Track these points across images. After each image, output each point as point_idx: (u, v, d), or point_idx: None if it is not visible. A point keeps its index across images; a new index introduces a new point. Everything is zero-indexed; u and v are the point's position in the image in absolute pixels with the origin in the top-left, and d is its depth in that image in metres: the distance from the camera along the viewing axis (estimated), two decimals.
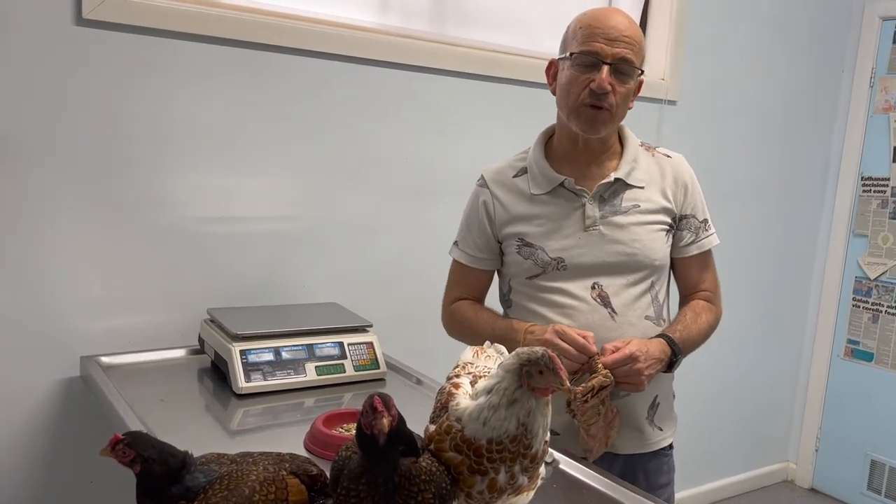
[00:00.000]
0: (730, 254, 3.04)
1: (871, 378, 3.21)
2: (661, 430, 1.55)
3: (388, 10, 2.14)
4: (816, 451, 3.43)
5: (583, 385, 1.32)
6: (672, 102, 2.71)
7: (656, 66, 2.71)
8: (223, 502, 0.89)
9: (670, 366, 1.45)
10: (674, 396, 1.63)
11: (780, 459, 3.51)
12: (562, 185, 1.47)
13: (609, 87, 1.37)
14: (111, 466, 0.91)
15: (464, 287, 1.60)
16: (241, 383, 1.56)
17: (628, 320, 1.46)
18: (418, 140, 2.18)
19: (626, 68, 1.39)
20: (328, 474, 0.99)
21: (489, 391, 0.90)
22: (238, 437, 1.46)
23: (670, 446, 1.60)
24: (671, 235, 1.51)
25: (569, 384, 0.89)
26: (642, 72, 1.44)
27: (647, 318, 1.48)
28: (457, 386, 0.99)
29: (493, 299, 1.64)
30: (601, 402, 1.34)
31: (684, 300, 1.59)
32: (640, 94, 1.52)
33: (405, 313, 2.23)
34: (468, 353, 1.17)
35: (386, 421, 0.82)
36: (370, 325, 1.79)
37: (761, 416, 3.37)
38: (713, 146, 2.89)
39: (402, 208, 2.18)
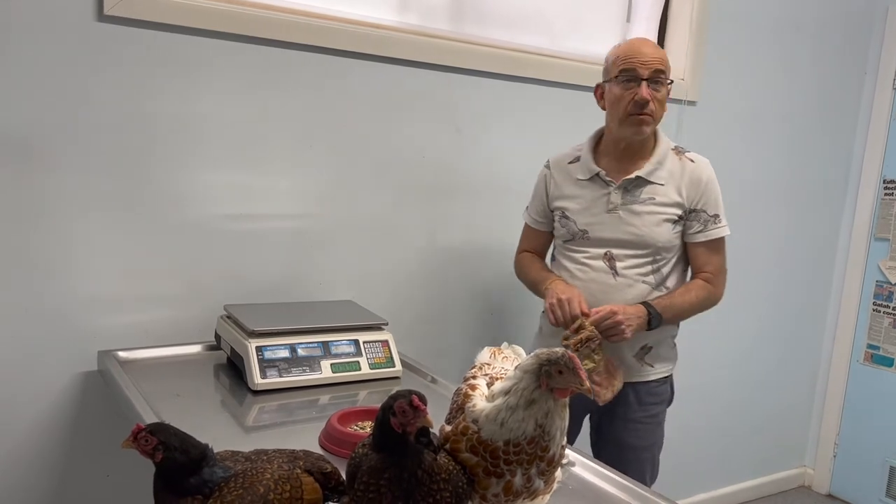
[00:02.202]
0: (749, 256, 3.02)
1: (891, 383, 3.17)
2: (652, 367, 1.89)
3: (407, 8, 2.14)
4: (834, 456, 3.39)
5: (574, 337, 1.71)
6: (692, 103, 2.69)
7: (676, 67, 2.67)
8: (239, 500, 0.89)
9: (649, 325, 1.79)
10: (674, 345, 1.95)
11: (797, 464, 3.48)
12: (597, 174, 1.85)
13: (649, 98, 1.74)
14: (127, 461, 0.92)
15: (528, 242, 2.05)
16: (257, 380, 1.56)
17: (626, 281, 1.83)
18: (437, 139, 2.18)
19: (660, 77, 1.76)
20: (342, 472, 0.99)
21: (507, 392, 0.90)
22: (253, 433, 1.46)
23: (664, 379, 1.93)
24: (680, 225, 1.84)
25: (588, 384, 0.88)
26: (671, 81, 1.81)
27: (644, 282, 1.83)
28: (473, 387, 0.99)
29: None
30: (592, 351, 1.71)
31: (692, 278, 1.92)
32: None
33: (421, 312, 2.22)
34: (485, 353, 1.16)
35: (430, 418, 0.81)
36: (385, 323, 1.79)
37: (779, 421, 3.33)
38: (733, 147, 2.86)
39: (419, 207, 2.18)
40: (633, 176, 1.81)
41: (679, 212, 1.82)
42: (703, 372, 2.99)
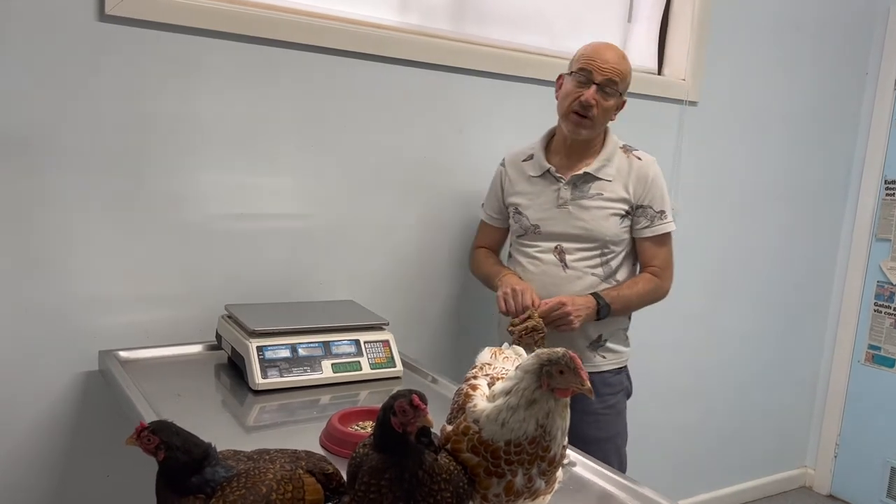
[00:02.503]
0: (750, 257, 3.02)
1: (892, 384, 3.16)
2: (605, 358, 1.96)
3: (408, 8, 2.14)
4: (835, 457, 3.39)
5: (520, 325, 1.77)
6: (693, 103, 2.69)
7: (677, 67, 2.68)
8: (241, 500, 0.89)
9: (598, 315, 1.85)
10: (625, 337, 2.01)
11: (798, 465, 3.48)
12: (548, 171, 1.92)
13: (593, 102, 1.79)
14: (128, 461, 0.92)
15: (483, 238, 2.11)
16: (258, 379, 1.56)
17: (575, 273, 1.90)
18: (437, 139, 2.17)
19: (610, 89, 1.81)
20: (343, 472, 0.99)
21: (507, 392, 0.90)
22: (254, 432, 1.46)
23: (618, 370, 1.99)
24: (627, 220, 1.91)
25: (589, 384, 0.88)
26: (622, 95, 1.86)
27: (593, 275, 1.90)
28: (474, 387, 0.99)
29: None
30: (535, 342, 1.76)
31: (640, 271, 1.98)
32: (661, 95, 2.31)
33: (421, 312, 2.22)
34: (486, 353, 1.17)
35: (430, 418, 0.81)
36: (386, 323, 1.79)
37: (780, 421, 3.33)
38: (734, 148, 2.86)
39: (419, 207, 2.18)
40: (581, 172, 1.88)
41: (626, 207, 1.89)
42: (703, 372, 2.99)
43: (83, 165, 1.70)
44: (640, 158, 1.92)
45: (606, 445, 1.94)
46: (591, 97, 1.78)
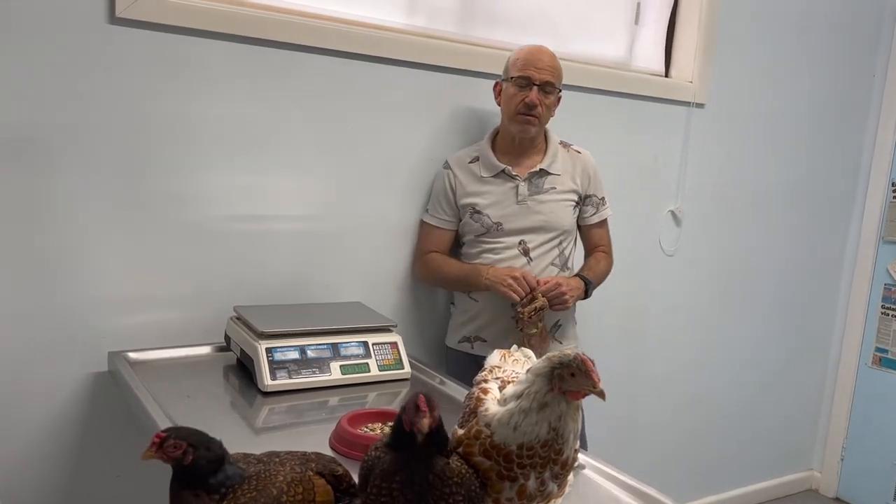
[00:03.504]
0: (757, 259, 3.01)
1: None
2: (561, 343, 2.08)
3: (415, 10, 2.14)
4: (842, 459, 3.38)
5: (529, 307, 1.90)
6: (700, 105, 2.69)
7: (684, 69, 2.68)
8: (252, 502, 0.89)
9: (586, 294, 2.04)
10: (575, 323, 2.15)
11: (804, 468, 3.47)
12: (503, 171, 2.02)
13: (538, 102, 1.95)
14: (138, 461, 0.91)
15: (433, 243, 2.11)
16: (267, 381, 1.57)
17: (540, 266, 2.03)
18: (443, 140, 2.18)
19: (549, 88, 1.97)
20: (353, 474, 0.99)
21: (519, 396, 0.90)
22: (263, 434, 1.46)
23: None
24: (577, 209, 2.10)
25: (601, 386, 0.88)
26: (560, 90, 2.02)
27: (553, 264, 2.05)
28: (485, 391, 0.99)
29: None
30: (539, 319, 1.92)
31: (588, 254, 2.18)
32: (667, 97, 2.52)
33: (429, 314, 2.22)
34: (495, 356, 1.17)
35: (427, 421, 0.82)
36: (394, 325, 1.79)
37: (787, 424, 3.33)
38: (741, 150, 2.85)
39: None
40: (537, 168, 2.03)
41: (576, 198, 2.08)
42: (710, 375, 2.98)
43: (94, 167, 1.70)
44: (579, 152, 2.12)
45: None
46: (535, 98, 1.94)
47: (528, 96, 1.94)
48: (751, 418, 3.17)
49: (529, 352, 1.21)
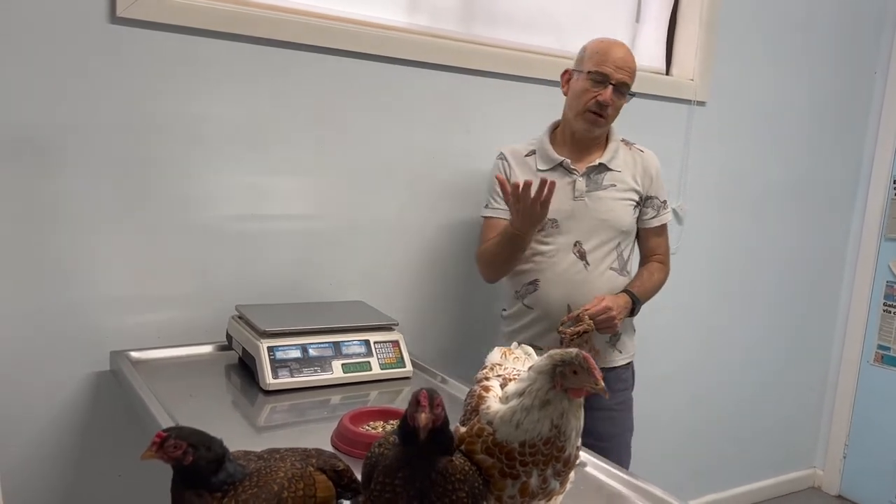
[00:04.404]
0: (759, 256, 3.01)
1: None
2: (621, 352, 1.99)
3: (416, 9, 2.14)
4: (844, 457, 3.37)
5: (572, 329, 1.78)
6: (701, 103, 2.68)
7: (685, 67, 2.68)
8: (254, 499, 0.89)
9: (632, 312, 1.92)
10: (634, 330, 2.05)
11: (807, 466, 3.47)
12: (560, 164, 1.91)
13: (611, 102, 1.83)
14: (140, 461, 0.91)
15: (494, 233, 1.93)
16: (269, 380, 1.57)
17: (598, 270, 1.90)
18: (445, 139, 2.18)
19: (624, 89, 1.85)
20: (355, 471, 0.99)
21: (521, 394, 0.90)
22: (265, 433, 1.46)
23: (628, 365, 2.04)
24: (637, 209, 1.96)
25: (603, 384, 0.88)
26: (633, 94, 1.90)
27: (611, 269, 1.92)
28: (487, 389, 0.99)
29: None
30: (584, 342, 1.81)
31: (643, 261, 2.04)
32: (669, 95, 2.45)
33: (431, 312, 2.22)
34: (496, 353, 1.16)
35: (424, 416, 0.81)
36: (396, 324, 1.79)
37: (789, 422, 3.32)
38: (742, 148, 2.85)
39: (429, 208, 2.18)
40: (596, 163, 1.91)
41: (637, 198, 1.95)
42: (712, 372, 2.98)
43: (95, 166, 1.70)
44: (641, 151, 2.00)
45: (620, 441, 1.98)
46: (609, 97, 1.82)
47: (603, 95, 1.82)
48: (752, 416, 3.17)
49: (530, 349, 1.21)
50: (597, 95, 1.82)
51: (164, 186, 1.79)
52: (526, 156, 1.96)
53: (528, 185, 1.69)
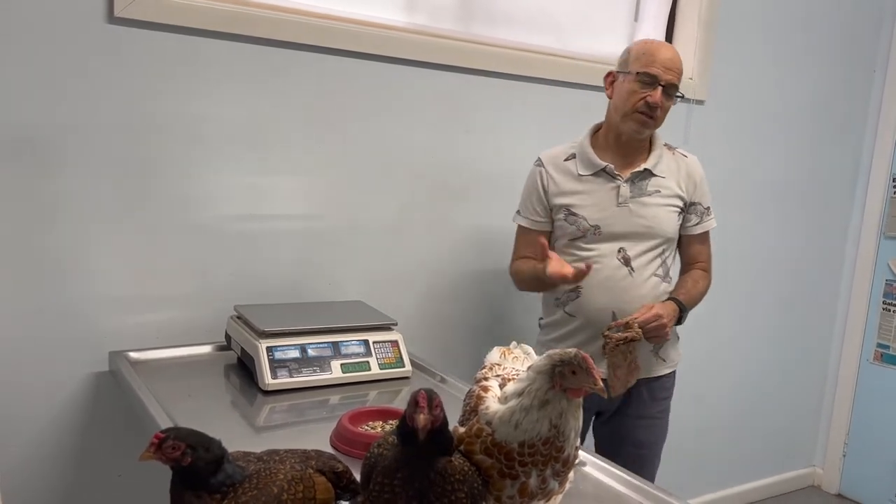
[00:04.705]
0: (758, 255, 3.01)
1: None
2: (665, 361, 1.96)
3: (415, 8, 2.14)
4: (844, 456, 3.38)
5: (619, 334, 1.74)
6: (700, 102, 2.68)
7: (684, 65, 2.66)
8: (253, 501, 0.89)
9: (679, 321, 1.87)
10: (678, 338, 2.01)
11: (806, 464, 3.47)
12: (603, 169, 1.86)
13: (660, 103, 1.79)
14: (139, 461, 0.91)
15: (528, 247, 1.92)
16: (268, 380, 1.57)
17: (642, 276, 1.86)
18: (445, 139, 2.18)
19: (673, 91, 1.82)
20: (354, 472, 0.99)
21: (520, 394, 0.90)
22: (264, 433, 1.46)
23: (672, 373, 2.00)
24: (682, 216, 1.92)
25: (601, 384, 0.88)
26: (681, 96, 1.88)
27: (655, 275, 1.89)
28: (486, 389, 0.99)
29: None
30: (629, 351, 1.75)
31: (685, 268, 2.00)
32: None
33: (430, 312, 2.22)
34: (495, 353, 1.17)
35: (423, 417, 0.82)
36: (395, 324, 1.79)
37: (788, 421, 3.33)
38: (741, 146, 2.85)
39: (428, 208, 2.18)
40: (641, 168, 1.86)
41: (681, 204, 1.91)
42: (712, 371, 2.98)
43: (94, 166, 1.70)
44: (685, 156, 1.96)
45: (655, 449, 2.00)
46: (659, 99, 1.78)
47: (653, 96, 1.78)
48: (752, 415, 3.17)
49: (529, 349, 1.21)
50: (646, 97, 1.79)
51: (163, 186, 1.79)
52: (565, 160, 1.91)
53: (579, 274, 1.68)
